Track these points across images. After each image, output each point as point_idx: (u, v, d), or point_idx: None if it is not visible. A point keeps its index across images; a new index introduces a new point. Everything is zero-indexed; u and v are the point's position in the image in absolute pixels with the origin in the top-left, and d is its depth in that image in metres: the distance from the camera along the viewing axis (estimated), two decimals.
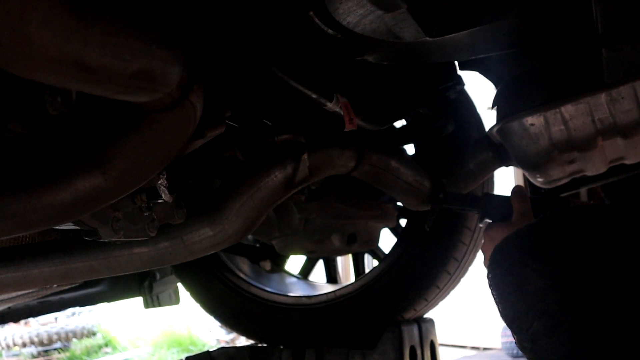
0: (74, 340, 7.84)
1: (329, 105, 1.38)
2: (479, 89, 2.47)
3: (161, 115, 0.95)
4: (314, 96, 1.34)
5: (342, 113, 1.40)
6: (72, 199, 0.97)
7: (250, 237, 2.48)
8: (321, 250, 2.18)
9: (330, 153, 1.54)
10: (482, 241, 1.37)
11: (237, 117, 1.48)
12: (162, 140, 0.99)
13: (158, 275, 3.01)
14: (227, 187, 1.47)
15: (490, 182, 2.25)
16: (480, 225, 1.57)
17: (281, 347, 2.37)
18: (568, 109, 1.42)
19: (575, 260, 0.89)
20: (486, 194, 1.54)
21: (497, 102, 1.61)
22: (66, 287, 2.37)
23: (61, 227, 1.35)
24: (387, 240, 2.52)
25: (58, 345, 7.69)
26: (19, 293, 1.86)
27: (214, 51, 1.22)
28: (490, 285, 1.02)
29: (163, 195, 1.21)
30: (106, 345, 7.97)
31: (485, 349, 6.12)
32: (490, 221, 1.51)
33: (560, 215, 0.99)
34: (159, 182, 1.20)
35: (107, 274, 1.60)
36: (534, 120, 1.47)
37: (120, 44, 0.77)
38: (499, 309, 1.00)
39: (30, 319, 7.23)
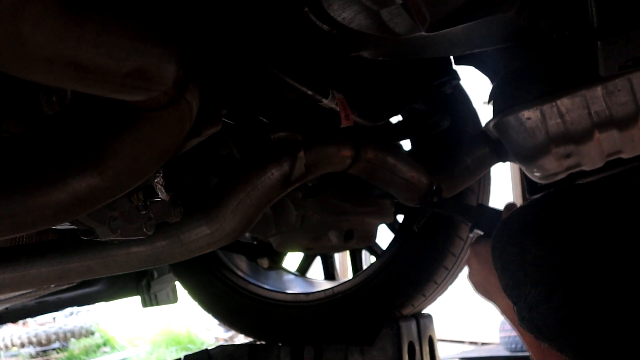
0: (72, 340, 7.84)
1: (325, 101, 1.37)
2: (475, 84, 2.47)
3: (157, 113, 0.95)
4: (309, 93, 1.34)
5: (338, 109, 1.40)
6: (69, 199, 0.97)
7: (247, 234, 2.48)
8: (318, 247, 2.19)
9: (326, 150, 1.54)
10: (467, 255, 1.38)
11: (233, 115, 1.48)
12: (158, 139, 0.99)
13: (156, 274, 3.00)
14: (223, 185, 1.46)
15: (486, 179, 2.25)
16: (470, 235, 1.57)
17: (280, 344, 2.37)
18: (564, 102, 1.42)
19: (574, 230, 0.92)
20: (480, 205, 1.55)
21: (493, 97, 1.61)
22: (64, 287, 2.37)
23: (58, 227, 1.34)
24: (384, 237, 2.52)
25: (56, 345, 7.68)
26: (17, 293, 1.86)
27: (209, 49, 1.22)
28: (493, 257, 1.04)
29: (160, 194, 1.20)
30: (104, 344, 7.96)
31: (483, 343, 6.13)
32: (481, 232, 1.52)
33: (562, 190, 1.01)
34: (156, 180, 1.20)
35: (104, 274, 1.60)
36: (530, 114, 1.47)
37: (115, 42, 0.76)
38: (500, 280, 1.03)
39: (29, 319, 7.22)
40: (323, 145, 1.54)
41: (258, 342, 2.54)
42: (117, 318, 8.51)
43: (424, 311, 2.44)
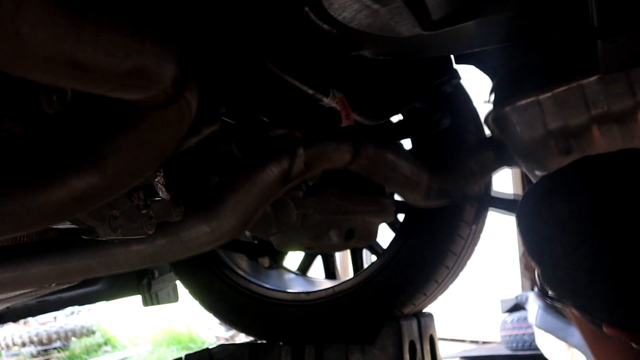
0: (73, 339, 7.84)
1: (325, 100, 1.37)
2: (476, 83, 2.46)
3: (156, 112, 0.95)
4: (310, 92, 1.34)
5: (338, 108, 1.40)
6: (68, 197, 0.97)
7: (248, 233, 2.48)
8: (319, 246, 2.18)
9: (326, 147, 1.54)
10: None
11: (232, 113, 1.48)
12: (158, 138, 0.99)
13: (156, 273, 3.00)
14: (223, 183, 1.47)
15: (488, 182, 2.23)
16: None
17: (280, 343, 2.37)
18: (561, 93, 1.42)
19: (602, 190, 0.91)
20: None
21: (493, 94, 1.61)
22: (64, 286, 2.37)
23: (59, 226, 1.35)
24: (385, 236, 2.51)
25: (57, 344, 7.68)
26: (18, 293, 1.86)
27: (208, 47, 1.22)
28: (518, 220, 1.03)
29: (160, 192, 1.21)
30: (105, 343, 7.96)
31: (484, 342, 6.13)
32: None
33: (588, 158, 1.01)
34: (156, 179, 1.20)
35: (105, 272, 1.60)
36: (527, 106, 1.47)
37: (114, 41, 0.76)
38: (524, 244, 1.02)
39: (30, 319, 7.22)
40: (322, 142, 1.54)
41: (259, 342, 2.54)
42: (118, 317, 8.52)
43: (424, 310, 2.44)
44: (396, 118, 2.02)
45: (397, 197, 2.22)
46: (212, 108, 1.20)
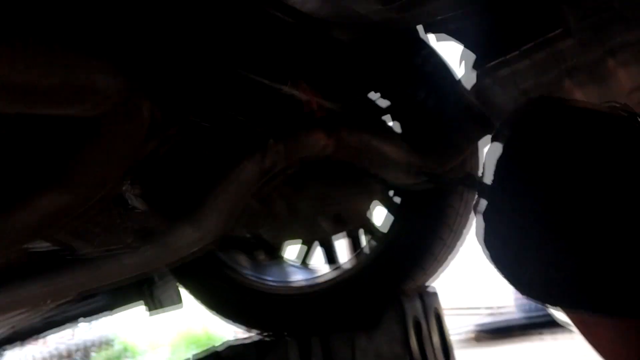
0: (93, 353, 7.88)
1: (285, 89, 1.36)
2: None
3: (109, 122, 0.94)
4: (265, 82, 1.32)
5: (300, 96, 1.39)
6: (33, 217, 0.96)
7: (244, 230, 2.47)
8: (313, 234, 2.17)
9: (300, 137, 1.52)
10: None
11: (203, 115, 1.46)
12: (115, 146, 0.98)
13: (157, 279, 2.98)
14: (200, 184, 1.46)
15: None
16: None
17: (287, 338, 2.35)
18: (537, 58, 1.41)
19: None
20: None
21: (474, 65, 1.59)
22: (67, 304, 2.37)
23: (37, 249, 1.33)
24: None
25: (78, 358, 7.73)
26: (14, 314, 1.86)
27: (159, 53, 1.20)
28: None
29: (131, 201, 1.19)
30: (125, 351, 8.01)
31: (499, 307, 6.15)
32: None
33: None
34: (126, 188, 1.18)
35: (97, 286, 1.59)
36: (502, 72, 1.46)
37: (48, 62, 0.75)
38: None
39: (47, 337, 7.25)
40: (296, 133, 1.52)
41: (265, 338, 2.53)
42: (135, 325, 8.56)
43: (428, 286, 2.41)
44: (385, 103, 1.98)
45: None
46: (170, 112, 1.18)
